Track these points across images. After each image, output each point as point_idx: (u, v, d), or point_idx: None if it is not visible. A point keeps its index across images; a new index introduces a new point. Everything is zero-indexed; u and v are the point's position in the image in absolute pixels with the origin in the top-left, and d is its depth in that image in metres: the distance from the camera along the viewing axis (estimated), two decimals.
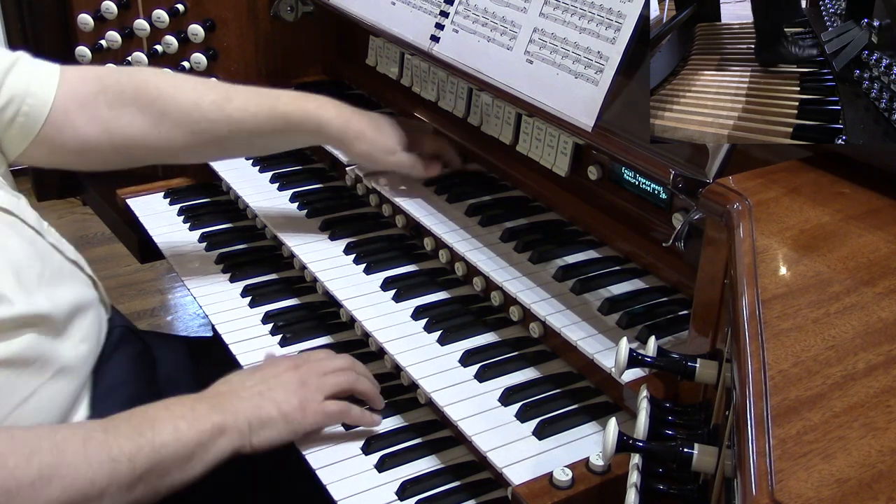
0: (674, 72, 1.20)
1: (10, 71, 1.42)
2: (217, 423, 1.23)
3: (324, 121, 1.60)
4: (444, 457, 1.34)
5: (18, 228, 1.32)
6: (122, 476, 1.14)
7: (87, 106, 1.50)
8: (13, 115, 1.42)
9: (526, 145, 1.59)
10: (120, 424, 1.18)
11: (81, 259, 1.48)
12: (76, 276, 1.42)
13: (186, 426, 1.21)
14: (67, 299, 1.34)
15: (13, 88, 1.42)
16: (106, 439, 1.15)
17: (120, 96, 1.52)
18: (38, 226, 1.39)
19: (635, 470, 0.95)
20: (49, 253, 1.37)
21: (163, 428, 1.19)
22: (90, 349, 1.39)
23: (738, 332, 0.82)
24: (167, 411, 1.22)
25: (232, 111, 1.56)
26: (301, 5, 2.10)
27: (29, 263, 1.29)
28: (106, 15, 2.08)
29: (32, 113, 1.44)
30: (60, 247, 1.43)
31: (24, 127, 1.44)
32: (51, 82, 1.46)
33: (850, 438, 0.69)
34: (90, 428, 1.18)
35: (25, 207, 1.38)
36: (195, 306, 3.44)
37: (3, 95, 1.41)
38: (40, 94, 1.45)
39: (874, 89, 0.99)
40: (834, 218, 1.00)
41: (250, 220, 1.89)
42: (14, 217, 1.33)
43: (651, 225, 1.47)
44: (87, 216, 3.49)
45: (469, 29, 1.53)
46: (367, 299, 1.54)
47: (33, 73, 1.45)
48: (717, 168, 1.15)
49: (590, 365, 1.30)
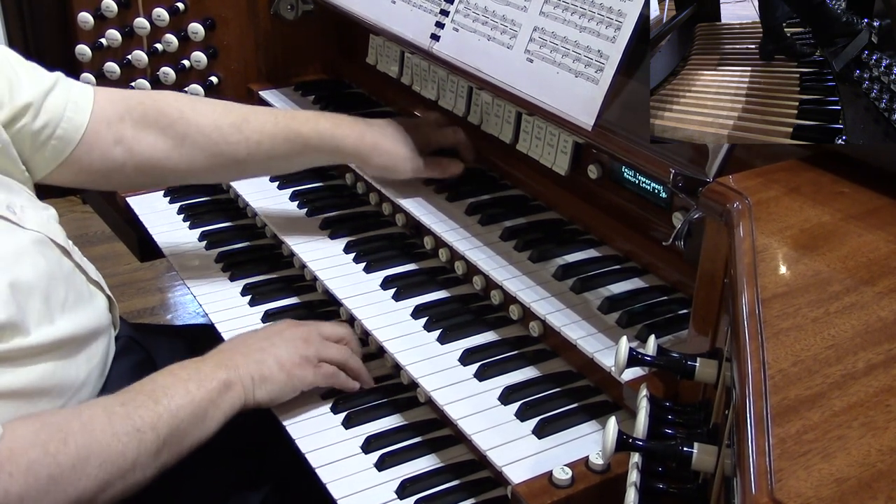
0: (674, 72, 1.20)
1: (49, 94, 1.43)
2: (223, 379, 1.29)
3: (338, 139, 1.62)
4: (444, 456, 1.34)
5: (46, 250, 1.33)
6: (148, 444, 1.19)
7: (113, 127, 1.52)
8: (48, 138, 1.44)
9: (526, 144, 1.59)
10: (135, 396, 1.23)
11: (101, 279, 1.49)
12: (95, 298, 1.43)
13: (196, 387, 1.27)
14: (84, 325, 1.35)
15: (51, 112, 1.43)
16: (127, 412, 1.20)
17: (143, 118, 1.55)
18: (66, 244, 1.40)
19: (635, 469, 0.95)
20: (73, 275, 1.38)
21: (175, 392, 1.25)
22: (100, 372, 1.41)
23: (738, 331, 0.82)
24: (174, 376, 1.28)
25: (250, 133, 1.59)
26: (301, 4, 2.10)
27: (55, 288, 1.30)
28: (106, 13, 2.08)
29: (66, 136, 1.46)
30: (84, 266, 1.44)
31: (55, 149, 1.46)
32: (85, 106, 1.49)
33: (850, 438, 0.69)
34: (109, 403, 1.22)
35: (54, 224, 1.40)
36: (195, 305, 3.43)
37: (41, 119, 1.42)
38: (75, 119, 1.46)
39: (874, 89, 0.99)
40: (834, 217, 1.00)
41: (250, 218, 1.89)
42: (43, 236, 1.33)
43: (651, 224, 1.47)
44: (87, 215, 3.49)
45: (469, 28, 1.53)
46: (367, 298, 1.54)
47: (69, 97, 1.47)
48: (717, 167, 1.15)
49: (589, 364, 1.30)
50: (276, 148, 1.61)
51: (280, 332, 1.41)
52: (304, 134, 1.61)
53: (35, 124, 1.41)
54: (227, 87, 2.14)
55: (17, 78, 1.40)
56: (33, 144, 1.43)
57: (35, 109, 1.41)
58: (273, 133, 1.60)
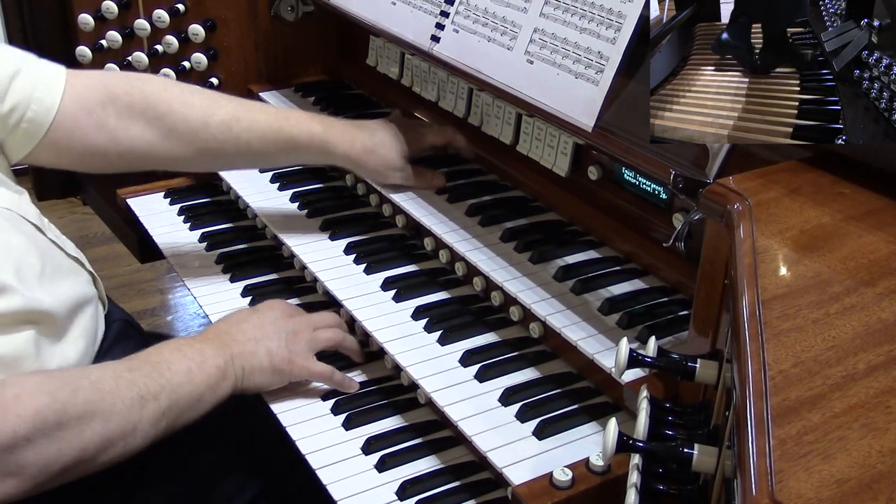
0: (674, 72, 1.19)
1: (15, 77, 1.42)
2: (221, 367, 1.34)
3: (330, 143, 1.63)
4: (444, 457, 1.34)
5: (19, 225, 1.32)
6: (149, 413, 1.22)
7: (94, 114, 1.51)
8: (17, 121, 1.43)
9: (526, 145, 1.59)
10: (141, 365, 1.27)
11: (82, 255, 1.48)
12: (77, 272, 1.42)
13: (197, 368, 1.31)
14: (67, 296, 1.35)
15: (18, 95, 1.42)
16: (133, 378, 1.23)
17: (129, 108, 1.54)
18: (39, 222, 1.39)
19: (635, 470, 0.95)
20: (49, 249, 1.37)
21: (178, 369, 1.29)
22: (87, 345, 1.40)
23: (738, 332, 0.82)
24: (179, 352, 1.32)
25: (240, 132, 1.59)
26: (301, 5, 2.10)
27: (29, 259, 1.29)
28: (106, 15, 2.08)
29: (37, 119, 1.45)
30: (61, 243, 1.43)
31: (27, 132, 1.45)
32: (56, 88, 1.47)
33: (850, 439, 0.69)
34: (117, 368, 1.25)
35: (27, 204, 1.39)
36: (195, 306, 3.44)
37: (7, 102, 1.41)
38: (45, 101, 1.45)
39: (874, 89, 0.99)
40: (834, 218, 1.00)
41: (250, 219, 1.89)
42: (14, 213, 1.33)
43: (651, 225, 1.47)
44: (87, 216, 3.50)
45: (469, 29, 1.53)
46: (368, 299, 1.54)
47: (38, 79, 1.45)
48: (717, 168, 1.15)
49: (590, 365, 1.30)
50: (266, 148, 1.61)
51: (274, 321, 1.44)
52: (296, 137, 1.61)
53: (3, 107, 1.40)
54: (228, 88, 2.14)
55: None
56: (3, 127, 1.42)
57: (1, 92, 1.39)
58: (263, 135, 1.60)
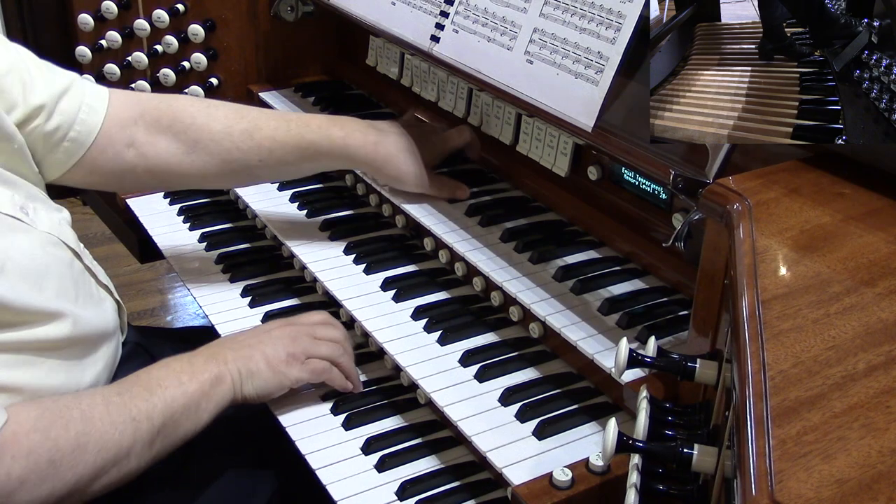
0: (674, 72, 1.19)
1: (62, 96, 1.44)
2: (214, 372, 1.32)
3: (351, 148, 1.62)
4: (444, 457, 1.34)
5: (58, 251, 1.33)
6: (143, 434, 1.22)
7: (127, 130, 1.53)
8: (60, 140, 1.44)
9: (526, 145, 1.59)
10: (130, 387, 1.26)
11: (111, 283, 1.50)
12: (104, 302, 1.43)
13: (188, 378, 1.29)
14: (94, 325, 1.36)
15: (64, 114, 1.43)
16: (123, 402, 1.22)
17: (157, 122, 1.56)
18: (77, 247, 1.40)
19: (635, 470, 0.95)
20: (82, 276, 1.38)
21: (169, 384, 1.28)
22: (107, 376, 1.41)
23: (738, 332, 0.82)
24: (168, 369, 1.31)
25: (261, 140, 1.59)
26: (301, 5, 2.10)
27: (65, 284, 1.31)
28: (106, 15, 2.08)
29: (79, 139, 1.46)
30: (94, 270, 1.44)
31: (68, 151, 1.46)
32: (100, 109, 1.49)
33: (850, 439, 0.69)
34: (106, 393, 1.25)
35: (66, 227, 1.40)
36: (195, 306, 3.44)
37: (53, 121, 1.42)
38: (88, 122, 1.47)
39: (874, 89, 0.99)
40: (834, 218, 1.00)
41: (250, 220, 1.89)
42: (56, 238, 1.34)
43: (651, 225, 1.47)
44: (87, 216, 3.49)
45: (469, 29, 1.53)
46: (367, 299, 1.54)
47: (83, 100, 1.47)
48: (717, 168, 1.15)
49: (590, 365, 1.30)
50: (288, 155, 1.61)
51: (269, 331, 1.42)
52: (316, 143, 1.61)
53: (48, 126, 1.41)
54: (227, 88, 2.14)
55: (31, 79, 1.40)
56: (46, 146, 1.43)
57: (48, 111, 1.41)
58: (284, 141, 1.60)
